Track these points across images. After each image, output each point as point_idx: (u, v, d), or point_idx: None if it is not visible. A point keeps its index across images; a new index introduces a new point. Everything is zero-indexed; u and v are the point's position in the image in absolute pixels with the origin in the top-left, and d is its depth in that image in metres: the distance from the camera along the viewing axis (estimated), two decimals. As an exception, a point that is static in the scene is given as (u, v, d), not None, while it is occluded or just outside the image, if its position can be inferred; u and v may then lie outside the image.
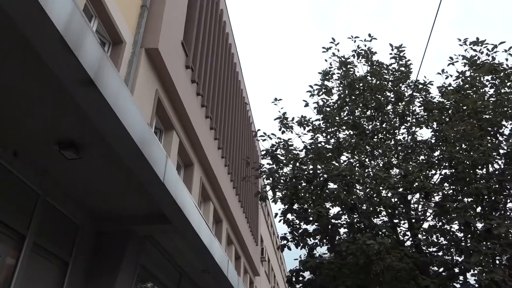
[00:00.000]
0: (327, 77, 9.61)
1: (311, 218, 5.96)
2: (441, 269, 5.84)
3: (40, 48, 3.32)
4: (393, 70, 9.60)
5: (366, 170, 6.33)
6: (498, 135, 6.96)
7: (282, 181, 6.36)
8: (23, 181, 5.08)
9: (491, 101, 7.49)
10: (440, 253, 5.81)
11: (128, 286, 6.87)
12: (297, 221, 6.27)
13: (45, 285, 5.67)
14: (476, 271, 4.61)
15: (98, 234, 6.76)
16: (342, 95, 9.28)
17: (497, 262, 5.15)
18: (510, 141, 5.79)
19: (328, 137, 7.92)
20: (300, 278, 6.04)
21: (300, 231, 6.31)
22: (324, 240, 6.19)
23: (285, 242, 6.25)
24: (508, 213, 5.57)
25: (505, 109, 7.13)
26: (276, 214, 6.31)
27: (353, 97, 8.99)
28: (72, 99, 3.93)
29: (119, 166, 5.21)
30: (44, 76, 3.80)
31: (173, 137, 10.28)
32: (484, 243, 4.83)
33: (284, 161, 6.93)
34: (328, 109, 8.88)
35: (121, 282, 6.60)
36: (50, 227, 5.75)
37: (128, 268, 6.82)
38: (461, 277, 5.42)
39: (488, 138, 6.59)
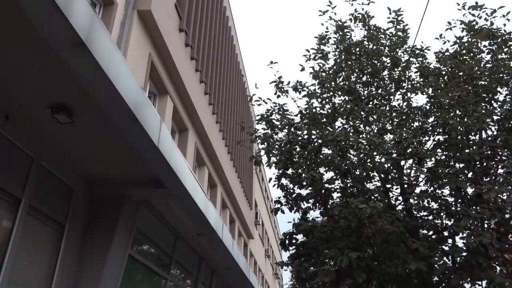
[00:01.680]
0: (323, 41, 9.46)
1: (304, 183, 6.03)
2: (431, 233, 5.99)
3: (28, 10, 3.22)
4: (390, 35, 9.46)
5: (361, 136, 6.35)
6: (492, 101, 6.97)
7: (276, 146, 6.38)
8: (16, 145, 5.06)
9: (487, 67, 7.45)
10: (431, 217, 5.93)
11: (124, 249, 7.00)
12: (291, 186, 6.34)
13: (42, 248, 5.75)
14: (464, 235, 4.72)
15: (93, 198, 6.81)
16: (338, 60, 9.17)
17: (486, 226, 5.28)
18: (504, 107, 5.81)
19: (323, 102, 7.89)
20: (293, 241, 6.17)
21: (293, 195, 6.40)
22: (317, 204, 6.29)
23: (279, 205, 6.35)
24: (498, 179, 5.65)
25: (501, 75, 7.10)
26: (271, 178, 6.37)
27: (349, 63, 8.89)
28: (63, 62, 3.85)
29: (113, 131, 5.19)
30: (34, 39, 3.71)
31: (167, 102, 10.20)
32: (474, 207, 4.93)
33: (279, 126, 6.93)
34: (324, 74, 8.80)
35: (117, 245, 6.71)
36: (45, 190, 5.77)
37: (124, 232, 6.92)
38: (449, 240, 5.57)
39: (483, 104, 6.60)
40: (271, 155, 6.30)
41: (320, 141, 6.10)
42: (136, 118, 4.66)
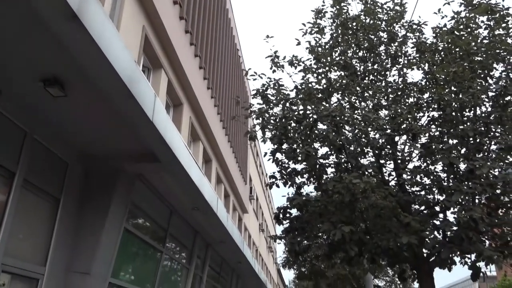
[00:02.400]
0: (320, 15, 9.32)
1: (299, 158, 6.06)
2: (423, 208, 6.07)
3: (17, -22, 3.14)
4: (388, 9, 9.33)
5: (356, 112, 6.35)
6: (488, 78, 6.96)
7: (272, 121, 6.37)
8: (9, 119, 5.02)
9: (484, 43, 7.40)
10: (423, 193, 6.01)
11: (119, 223, 7.06)
12: (286, 161, 6.37)
13: (38, 221, 5.79)
14: (456, 209, 4.80)
15: (88, 172, 6.82)
16: (334, 35, 9.07)
17: (477, 201, 5.36)
18: (500, 83, 5.81)
19: (319, 77, 7.85)
20: (287, 215, 6.25)
21: (288, 170, 6.44)
22: (312, 179, 6.34)
23: (273, 180, 6.40)
24: (491, 155, 5.71)
25: (498, 51, 7.06)
26: (265, 153, 6.39)
27: (346, 37, 8.80)
28: (55, 35, 3.78)
29: (107, 105, 5.15)
30: (25, 11, 3.62)
31: (161, 76, 10.10)
32: (466, 183, 4.99)
33: (274, 101, 6.90)
34: (320, 49, 8.71)
35: (112, 218, 6.76)
36: (39, 164, 5.76)
37: (119, 205, 6.97)
38: (441, 215, 5.66)
39: (478, 80, 6.59)
40: (266, 130, 6.30)
41: (315, 116, 6.09)
42: (130, 92, 4.62)
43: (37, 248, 5.73)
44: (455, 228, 4.85)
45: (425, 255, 5.60)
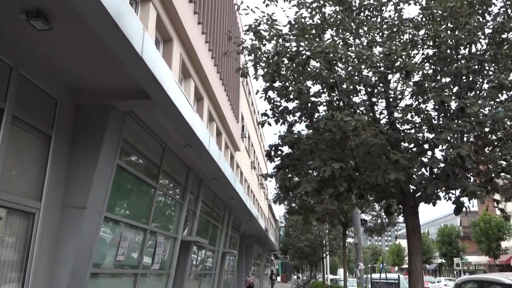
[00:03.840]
0: None
1: (291, 96, 6.02)
2: (412, 145, 6.16)
3: None
4: None
5: (350, 49, 6.22)
6: (486, 14, 6.78)
7: (264, 58, 6.24)
8: (-7, 53, 4.87)
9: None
10: (413, 131, 6.07)
11: (112, 159, 7.12)
12: (278, 99, 6.33)
13: (30, 158, 5.81)
14: (444, 147, 4.88)
15: (78, 108, 6.76)
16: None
17: (465, 139, 5.45)
18: (497, 19, 5.66)
19: (313, 12, 7.58)
20: (279, 152, 6.32)
21: (280, 108, 6.41)
22: (303, 117, 6.34)
23: (265, 118, 6.39)
24: (482, 94, 5.72)
25: (498, -15, 6.80)
26: (258, 91, 6.33)
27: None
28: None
29: (93, 39, 4.98)
30: None
31: (150, 10, 9.71)
32: (456, 121, 5.04)
33: (267, 37, 6.72)
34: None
35: (105, 155, 6.81)
36: (28, 100, 5.68)
37: (111, 142, 6.99)
38: (429, 153, 5.76)
39: (476, 17, 6.42)
40: (258, 67, 6.19)
41: (308, 53, 5.96)
42: (118, 25, 4.46)
43: (31, 183, 5.81)
44: (442, 165, 4.96)
45: (411, 190, 5.77)
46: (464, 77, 5.52)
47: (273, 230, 49.83)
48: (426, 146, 5.89)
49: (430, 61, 6.25)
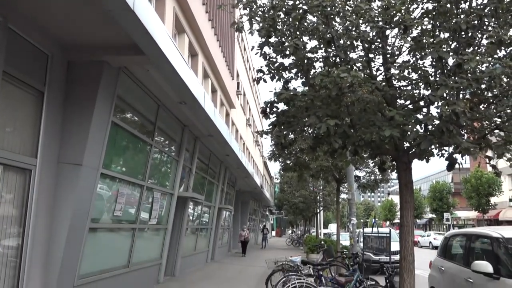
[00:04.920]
0: None
1: (287, 52, 5.91)
2: (408, 102, 6.14)
3: None
4: None
5: (347, 3, 6.05)
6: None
7: (259, 12, 6.07)
8: (-21, 5, 4.70)
9: None
10: (409, 88, 6.02)
11: (106, 116, 7.07)
12: (274, 55, 6.21)
13: (23, 114, 5.76)
14: (439, 104, 4.86)
15: (70, 64, 6.63)
16: None
17: (461, 95, 5.43)
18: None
19: (311, -36, 7.31)
20: (274, 109, 6.28)
21: (276, 64, 6.31)
22: (299, 74, 6.26)
23: (261, 75, 6.30)
24: (481, 50, 5.64)
25: None
26: (253, 47, 6.20)
27: None
28: None
29: (83, -9, 4.81)
30: None
31: (141, -40, 9.31)
32: (453, 78, 4.99)
33: (262, -10, 6.50)
34: None
35: (99, 111, 6.76)
36: (18, 56, 5.56)
37: (105, 98, 6.92)
38: (424, 110, 5.75)
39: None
40: (253, 21, 6.02)
41: (305, 7, 5.80)
42: (107, -24, 4.29)
43: (26, 140, 5.79)
44: (437, 122, 4.97)
45: (405, 147, 5.81)
46: (463, 33, 5.41)
47: (268, 186, 50.62)
48: (421, 103, 5.87)
49: (429, 15, 6.11)
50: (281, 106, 6.47)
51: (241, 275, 14.28)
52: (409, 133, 5.01)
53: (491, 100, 5.59)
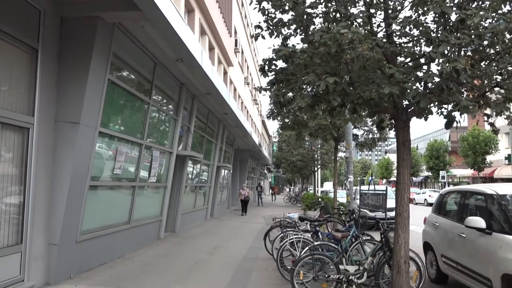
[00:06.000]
0: None
1: (287, 7, 5.74)
2: (408, 60, 6.05)
3: None
4: None
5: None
6: None
7: (257, -36, 5.85)
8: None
9: None
10: (410, 44, 5.92)
11: (102, 73, 6.98)
12: (273, 10, 6.04)
13: (18, 71, 5.68)
14: (440, 61, 4.79)
15: (63, 20, 6.47)
16: None
17: (462, 52, 5.34)
18: None
19: None
20: (273, 67, 6.19)
21: (275, 20, 6.15)
22: (299, 30, 6.12)
23: (259, 31, 6.16)
24: (485, 5, 5.49)
25: None
26: (251, 1, 6.02)
27: None
28: None
29: None
30: None
31: None
32: (455, 34, 4.89)
33: None
34: None
35: (95, 69, 6.66)
36: (8, 11, 5.40)
37: (100, 55, 6.80)
38: (425, 67, 5.68)
39: None
40: (251, -26, 5.82)
41: (304, -41, 5.59)
42: None
43: (22, 99, 5.74)
44: (437, 79, 4.91)
45: (404, 105, 5.79)
46: (467, -14, 5.25)
47: (266, 145, 50.88)
48: (422, 60, 5.78)
49: (433, -32, 5.91)
50: (280, 64, 6.38)
51: (240, 231, 14.64)
52: (408, 91, 4.96)
53: (492, 57, 5.50)
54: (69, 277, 6.68)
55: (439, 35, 4.96)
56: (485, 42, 5.13)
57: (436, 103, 5.14)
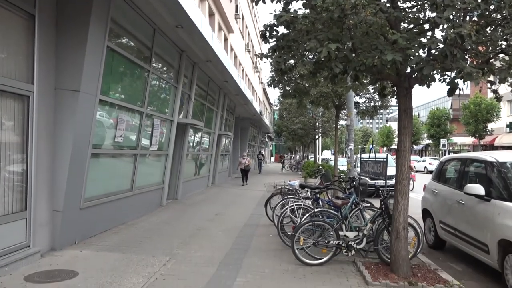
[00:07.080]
0: None
1: (288, -30, 5.59)
2: (412, 26, 5.94)
3: None
4: None
5: None
6: None
7: None
8: None
9: None
10: (414, 10, 5.79)
11: (101, 40, 6.87)
12: (274, -26, 5.88)
13: (16, 39, 5.59)
14: (445, 26, 4.69)
15: (59, -15, 6.30)
16: None
17: (468, 18, 5.23)
18: None
19: None
20: (274, 33, 6.09)
21: (276, -16, 5.99)
22: (301, -5, 5.98)
23: (260, -5, 6.02)
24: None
25: None
26: (252, -35, 5.85)
27: None
28: None
29: None
30: None
31: None
32: (461, -2, 4.77)
33: None
34: None
35: (94, 35, 6.56)
36: (3, -25, 5.26)
37: (99, 21, 6.68)
38: (429, 33, 5.57)
39: None
40: None
41: None
42: None
43: (21, 66, 5.68)
44: (441, 45, 4.83)
45: (407, 72, 5.72)
46: None
47: (267, 113, 50.73)
48: (426, 26, 5.67)
49: None
50: (281, 30, 6.26)
51: (241, 198, 14.82)
52: (411, 57, 4.89)
53: (498, 22, 5.39)
54: (73, 243, 6.82)
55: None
56: (492, 7, 5.02)
57: (439, 70, 5.07)
